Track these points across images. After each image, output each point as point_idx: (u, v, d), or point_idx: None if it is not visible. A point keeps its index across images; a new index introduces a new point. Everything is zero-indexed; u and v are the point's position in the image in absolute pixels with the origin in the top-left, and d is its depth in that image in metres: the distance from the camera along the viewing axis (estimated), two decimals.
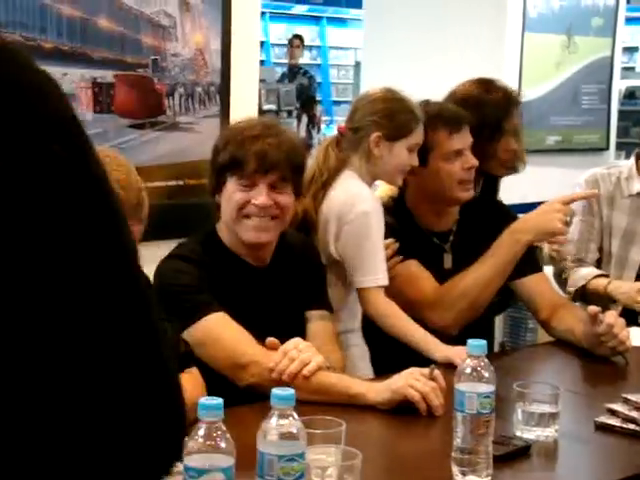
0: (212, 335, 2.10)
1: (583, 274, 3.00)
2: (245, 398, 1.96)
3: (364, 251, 2.49)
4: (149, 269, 2.07)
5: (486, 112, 2.76)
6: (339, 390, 2.02)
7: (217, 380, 1.99)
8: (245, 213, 2.17)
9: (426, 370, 2.01)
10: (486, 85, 2.92)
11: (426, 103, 2.71)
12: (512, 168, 2.94)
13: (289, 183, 2.18)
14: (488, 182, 2.93)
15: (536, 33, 4.92)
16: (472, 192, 2.70)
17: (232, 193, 2.18)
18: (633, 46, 10.89)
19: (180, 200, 2.97)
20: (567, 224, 2.49)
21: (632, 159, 3.15)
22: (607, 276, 3.00)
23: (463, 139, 2.65)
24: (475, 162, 2.66)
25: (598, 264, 3.16)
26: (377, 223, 2.52)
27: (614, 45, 5.42)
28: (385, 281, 2.49)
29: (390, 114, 2.56)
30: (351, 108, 2.69)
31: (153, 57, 2.88)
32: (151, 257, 2.04)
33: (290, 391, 1.38)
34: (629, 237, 3.10)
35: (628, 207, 3.10)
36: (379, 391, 2.00)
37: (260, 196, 2.14)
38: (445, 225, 2.78)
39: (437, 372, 2.01)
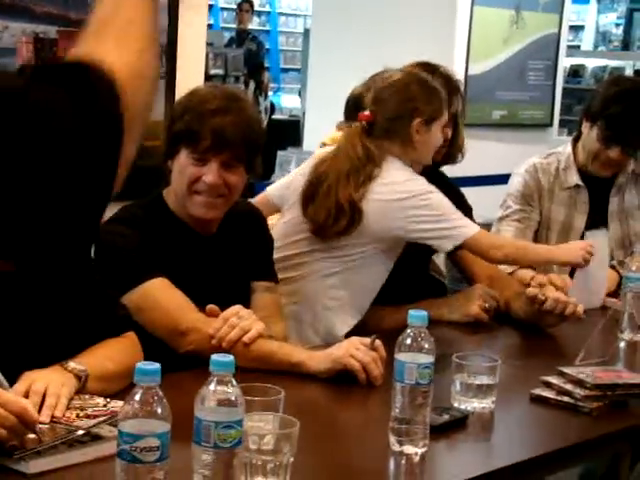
0: (151, 300, 2.07)
1: None
2: (183, 365, 1.94)
3: (445, 217, 2.49)
4: None
5: None
6: (279, 358, 2.01)
7: (155, 346, 1.96)
8: (195, 189, 2.15)
9: (367, 339, 2.01)
10: (428, 69, 2.88)
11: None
12: (448, 157, 2.92)
13: (242, 162, 2.16)
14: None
15: (485, 7, 4.93)
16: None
17: (184, 166, 2.15)
18: (579, 24, 11.01)
19: None
20: (487, 311, 2.55)
21: (569, 146, 3.13)
22: (533, 268, 3.00)
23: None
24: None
25: None
26: (434, 191, 2.51)
27: (561, 22, 5.46)
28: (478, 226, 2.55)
29: (427, 98, 2.52)
30: (376, 95, 2.55)
31: None
32: None
33: (229, 357, 1.36)
34: (566, 230, 3.11)
35: (566, 200, 3.11)
36: (319, 360, 2.00)
37: (210, 174, 2.11)
38: None
39: (378, 342, 2.01)
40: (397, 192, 2.48)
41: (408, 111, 2.51)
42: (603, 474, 2.84)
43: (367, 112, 2.53)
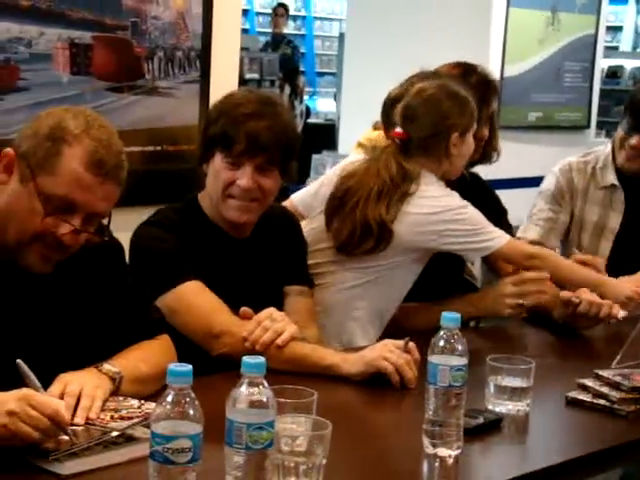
0: (185, 303, 2.08)
1: None
2: (217, 367, 1.95)
3: (478, 230, 2.49)
4: (124, 235, 2.05)
5: None
6: (313, 361, 2.01)
7: (189, 349, 1.97)
8: (229, 193, 2.15)
9: (400, 342, 2.00)
10: (466, 69, 2.88)
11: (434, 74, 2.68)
12: (484, 156, 2.91)
13: (276, 166, 2.16)
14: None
15: (521, 8, 4.90)
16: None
17: (219, 170, 2.16)
18: (617, 25, 10.90)
19: (157, 166, 2.94)
20: (520, 306, 2.50)
21: (609, 146, 3.09)
22: None
23: None
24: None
25: (568, 256, 3.13)
26: (468, 206, 2.51)
27: (598, 23, 5.41)
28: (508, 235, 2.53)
29: (461, 111, 2.51)
30: (408, 112, 2.51)
31: (133, 19, 2.84)
32: (126, 223, 2.02)
33: (261, 359, 1.36)
34: (599, 231, 3.08)
35: (601, 199, 3.07)
36: (353, 362, 2.00)
37: (245, 177, 2.12)
38: None
39: (411, 344, 2.01)
40: (435, 206, 2.46)
41: (445, 127, 2.49)
42: None
43: (400, 130, 2.49)
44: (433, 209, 2.46)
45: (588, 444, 1.81)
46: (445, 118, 2.49)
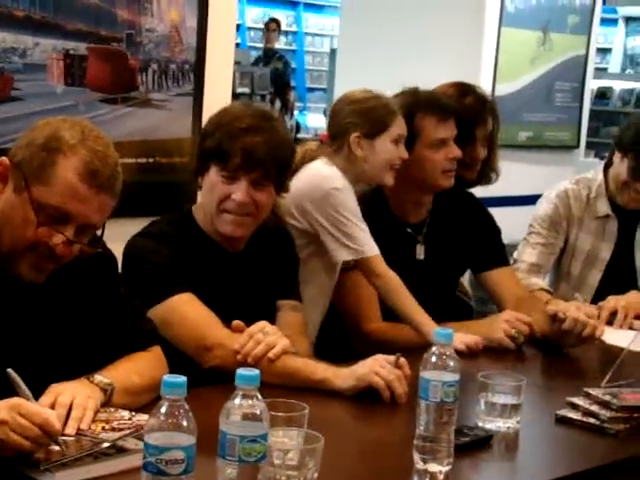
0: (178, 315, 2.08)
1: (530, 283, 2.96)
2: (208, 380, 1.94)
3: (348, 223, 2.50)
4: (117, 246, 2.04)
5: (458, 116, 2.71)
6: (304, 375, 2.01)
7: (180, 361, 1.97)
8: (224, 207, 2.16)
9: (392, 357, 2.01)
10: (463, 89, 2.90)
11: (415, 91, 2.71)
12: (483, 177, 2.92)
13: (271, 181, 2.17)
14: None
15: (513, 28, 4.94)
16: (453, 180, 2.70)
17: (214, 183, 2.16)
18: (606, 47, 10.98)
19: (150, 178, 2.94)
20: (513, 339, 2.47)
21: (600, 175, 3.12)
22: (550, 292, 2.99)
23: (449, 129, 2.66)
24: (459, 153, 2.67)
25: (555, 283, 3.15)
26: (352, 199, 2.54)
27: (589, 44, 5.45)
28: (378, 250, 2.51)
29: (364, 111, 2.58)
30: (329, 115, 2.71)
31: (128, 31, 2.85)
32: (118, 234, 2.02)
33: (255, 372, 1.37)
34: (590, 260, 3.10)
35: (595, 229, 3.09)
36: (344, 377, 2.00)
37: (239, 192, 2.13)
38: (420, 216, 2.78)
39: (402, 360, 2.01)
40: (306, 185, 2.49)
41: (345, 126, 2.59)
42: None
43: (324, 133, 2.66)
44: (305, 185, 2.48)
45: (577, 462, 1.82)
46: (347, 116, 2.59)
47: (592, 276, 3.10)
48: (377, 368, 1.98)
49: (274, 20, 10.61)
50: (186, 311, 2.09)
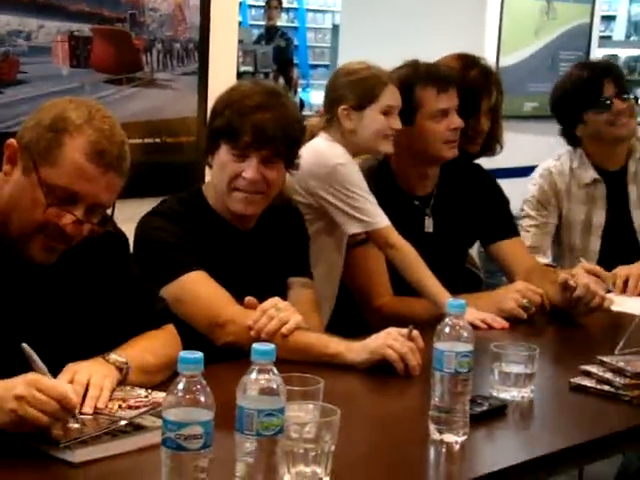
0: (190, 293, 2.09)
1: None
2: (222, 357, 1.95)
3: (356, 197, 2.50)
4: (128, 226, 2.05)
5: (462, 88, 2.71)
6: (317, 349, 2.02)
7: (194, 338, 1.98)
8: (235, 185, 2.16)
9: (404, 330, 2.01)
10: (467, 61, 2.89)
11: (415, 62, 2.70)
12: (487, 148, 2.92)
13: (282, 158, 2.17)
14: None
15: None
16: (456, 151, 2.69)
17: (225, 162, 2.16)
18: (611, 14, 10.90)
19: (157, 158, 2.94)
20: (525, 309, 2.46)
21: (579, 148, 3.12)
22: (554, 267, 2.99)
23: (450, 99, 2.65)
24: (461, 123, 2.66)
25: (561, 257, 3.15)
26: (357, 172, 2.55)
27: (593, 12, 5.41)
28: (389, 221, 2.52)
29: (352, 83, 2.58)
30: (325, 89, 2.71)
31: (131, 11, 2.84)
32: (127, 214, 2.02)
33: (271, 346, 1.37)
34: (587, 228, 3.10)
35: (584, 197, 3.09)
36: (357, 351, 2.00)
37: (250, 169, 2.13)
38: (427, 189, 2.78)
39: (415, 332, 2.01)
40: (310, 162, 2.46)
41: (333, 99, 2.61)
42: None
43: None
44: (309, 162, 2.44)
45: (592, 429, 1.82)
46: (333, 91, 2.62)
47: (592, 243, 3.11)
48: (390, 341, 1.98)
49: None
50: (198, 289, 2.09)
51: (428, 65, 2.71)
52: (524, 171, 4.64)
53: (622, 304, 2.60)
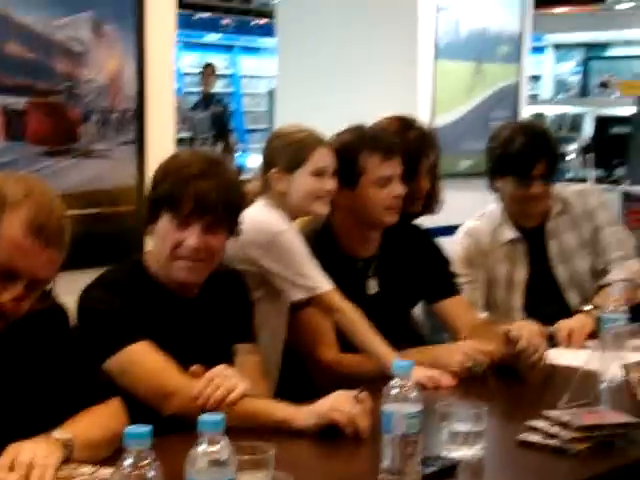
0: (135, 364, 2.07)
1: None
2: (171, 428, 1.92)
3: (297, 264, 2.51)
4: (66, 299, 2.02)
5: (402, 151, 2.75)
6: (265, 416, 2.01)
7: (141, 410, 1.95)
8: (177, 253, 2.15)
9: (353, 392, 2.01)
10: (404, 123, 2.95)
11: (360, 127, 2.74)
12: (427, 208, 2.97)
13: (223, 226, 2.17)
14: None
15: (447, 60, 5.03)
16: (397, 217, 2.72)
17: (166, 231, 2.16)
18: (536, 74, 11.24)
19: (97, 228, 2.91)
20: (470, 370, 2.47)
21: (498, 206, 3.19)
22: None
23: (394, 167, 2.69)
24: (403, 190, 2.70)
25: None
26: (298, 238, 2.56)
27: (520, 72, 5.57)
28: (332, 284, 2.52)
29: (282, 146, 2.62)
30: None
31: (66, 84, 2.84)
32: (67, 286, 2.00)
33: (219, 416, 1.36)
34: (509, 285, 3.16)
35: (506, 255, 3.15)
36: (306, 415, 1.99)
37: (192, 237, 2.12)
38: (369, 250, 2.80)
39: (363, 394, 2.01)
40: (252, 229, 2.45)
41: (266, 163, 2.65)
42: None
43: None
44: (249, 231, 2.42)
45: None
46: (266, 154, 2.67)
47: (514, 300, 3.16)
48: (338, 404, 1.98)
49: (210, 65, 10.67)
50: (143, 360, 2.07)
51: (373, 131, 2.75)
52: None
53: (564, 357, 2.63)
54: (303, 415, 2.00)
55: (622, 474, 1.97)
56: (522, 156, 3.03)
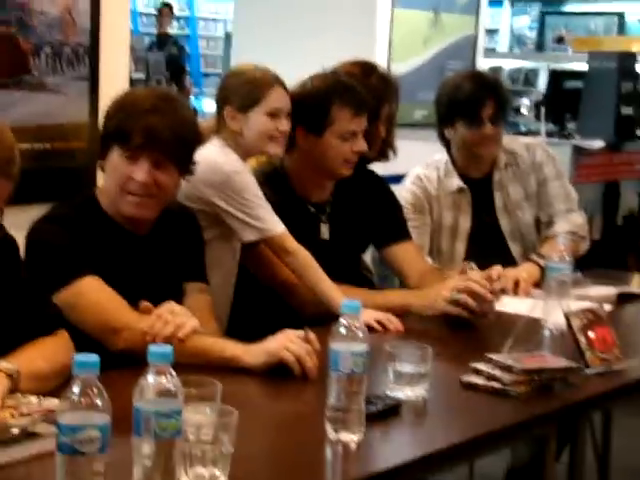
0: (84, 299, 2.06)
1: None
2: (117, 364, 1.92)
3: (250, 204, 2.51)
4: (16, 233, 2.00)
5: None
6: (214, 353, 2.02)
7: (88, 345, 1.94)
8: (126, 188, 2.14)
9: (300, 332, 2.03)
10: (366, 68, 2.94)
11: (335, 76, 2.74)
12: (382, 154, 2.98)
13: (174, 162, 2.15)
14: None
15: (405, 9, 5.01)
16: (352, 170, 2.73)
17: (116, 165, 2.14)
18: (495, 28, 11.24)
19: (47, 163, 2.88)
20: (456, 302, 2.50)
21: (446, 155, 3.21)
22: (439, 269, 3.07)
23: (362, 123, 2.69)
24: (365, 148, 2.70)
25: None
26: (251, 179, 2.56)
27: (477, 24, 5.58)
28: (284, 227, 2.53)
29: (237, 85, 2.61)
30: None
31: (18, 14, 2.78)
32: (16, 221, 1.98)
33: (167, 348, 1.37)
34: (454, 233, 3.20)
35: (452, 203, 3.19)
36: (254, 354, 2.01)
37: (141, 172, 2.11)
38: (322, 196, 2.80)
39: (311, 334, 2.03)
40: (205, 169, 2.44)
41: (220, 101, 2.64)
42: (528, 463, 2.92)
43: None
44: (201, 171, 2.40)
45: (482, 425, 1.87)
46: (221, 92, 2.65)
47: (458, 248, 3.20)
48: (287, 343, 2.00)
49: (167, 5, 10.48)
50: (92, 294, 2.07)
51: (348, 84, 2.71)
52: None
53: (510, 305, 2.68)
54: (252, 353, 2.01)
55: (559, 416, 2.04)
56: (470, 98, 3.06)
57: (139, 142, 2.09)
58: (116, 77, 3.09)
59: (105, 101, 2.28)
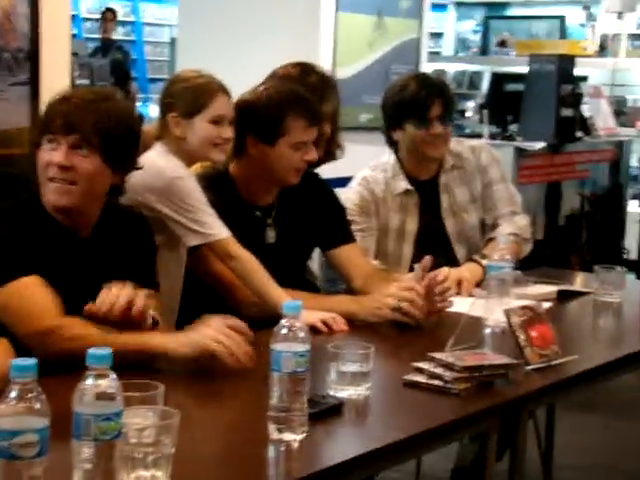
0: (18, 299, 2.04)
1: None
2: (57, 368, 1.91)
3: (193, 210, 2.52)
4: None
5: None
6: (141, 344, 2.01)
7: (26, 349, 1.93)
8: (48, 175, 2.13)
9: (226, 320, 2.07)
10: (305, 68, 2.97)
11: (290, 86, 2.76)
12: (329, 154, 3.00)
13: (96, 150, 2.12)
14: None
15: (349, 13, 5.04)
16: (300, 179, 2.75)
17: (41, 154, 2.14)
18: (440, 32, 11.36)
19: None
20: (397, 309, 2.52)
21: (393, 157, 3.25)
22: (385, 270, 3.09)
23: (314, 133, 2.71)
24: (316, 157, 2.73)
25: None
26: (194, 184, 2.56)
27: (421, 27, 5.63)
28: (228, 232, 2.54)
29: (182, 91, 2.61)
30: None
31: None
32: None
33: (106, 350, 1.37)
34: (400, 235, 3.24)
35: (399, 205, 3.22)
36: (181, 341, 2.03)
37: (58, 153, 2.10)
38: (268, 199, 2.81)
39: (240, 323, 2.08)
40: (144, 177, 2.44)
41: (164, 107, 2.65)
42: (472, 461, 2.97)
43: None
44: (144, 176, 2.42)
45: (425, 422, 1.90)
46: (165, 98, 2.65)
47: (405, 250, 3.24)
48: (214, 335, 2.01)
49: (110, 10, 10.40)
50: (26, 295, 2.04)
51: (301, 94, 2.73)
52: None
53: (453, 304, 2.71)
54: (178, 340, 2.02)
55: (500, 412, 2.07)
56: (418, 98, 3.10)
57: (58, 125, 2.10)
58: (57, 82, 3.07)
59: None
